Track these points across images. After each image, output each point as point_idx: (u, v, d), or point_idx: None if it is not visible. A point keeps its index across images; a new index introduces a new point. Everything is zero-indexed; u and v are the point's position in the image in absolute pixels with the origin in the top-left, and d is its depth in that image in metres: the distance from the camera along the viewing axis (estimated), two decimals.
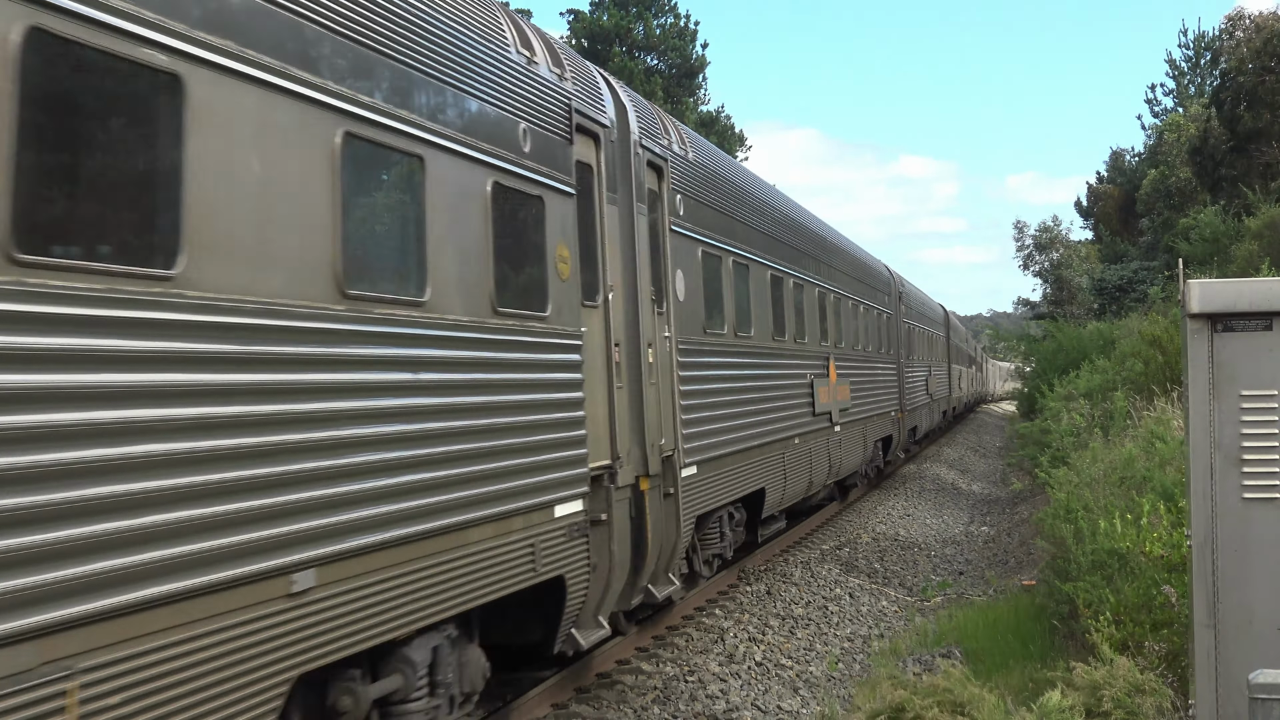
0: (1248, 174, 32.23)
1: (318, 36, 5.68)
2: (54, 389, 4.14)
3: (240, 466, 5.01)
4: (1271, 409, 5.95)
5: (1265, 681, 4.97)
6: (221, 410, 4.94)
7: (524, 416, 7.62)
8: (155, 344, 4.61)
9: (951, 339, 44.34)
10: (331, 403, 5.68)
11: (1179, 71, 59.88)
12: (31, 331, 4.07)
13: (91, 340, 4.30)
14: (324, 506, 5.55)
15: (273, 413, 5.27)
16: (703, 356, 11.80)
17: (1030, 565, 15.71)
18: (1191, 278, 6.19)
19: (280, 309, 5.32)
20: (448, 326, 6.80)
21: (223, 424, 4.93)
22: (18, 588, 3.95)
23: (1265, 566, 5.93)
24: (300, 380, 5.50)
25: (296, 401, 5.45)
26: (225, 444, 4.94)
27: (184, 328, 4.73)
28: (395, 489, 6.12)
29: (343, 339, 5.80)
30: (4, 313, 3.99)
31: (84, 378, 4.26)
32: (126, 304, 4.45)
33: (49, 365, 4.13)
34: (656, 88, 43.54)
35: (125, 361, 4.45)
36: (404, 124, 6.39)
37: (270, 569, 5.17)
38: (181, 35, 4.76)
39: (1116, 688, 6.81)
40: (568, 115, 8.74)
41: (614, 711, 9.43)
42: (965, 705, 7.00)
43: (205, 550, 4.80)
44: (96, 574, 4.27)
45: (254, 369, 5.14)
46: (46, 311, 4.12)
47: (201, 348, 4.85)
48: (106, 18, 4.41)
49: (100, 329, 4.34)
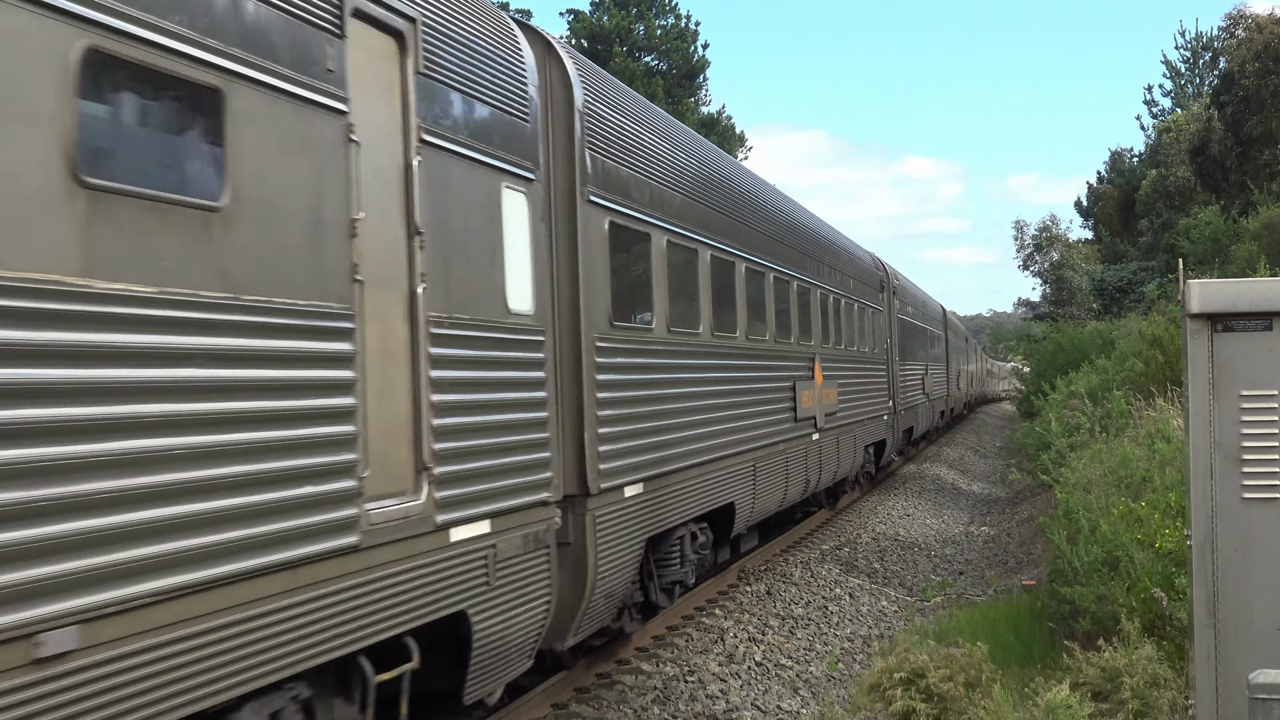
0: (1254, 176, 32.23)
1: None
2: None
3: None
4: (1271, 409, 5.95)
5: (1265, 681, 4.97)
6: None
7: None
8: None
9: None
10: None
11: (1176, 73, 59.97)
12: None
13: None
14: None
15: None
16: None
17: (1030, 565, 15.72)
18: (1191, 278, 6.19)
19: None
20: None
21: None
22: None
23: (1265, 566, 5.93)
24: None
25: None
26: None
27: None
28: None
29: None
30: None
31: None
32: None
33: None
34: (657, 88, 43.55)
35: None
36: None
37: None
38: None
39: (1138, 677, 6.84)
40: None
41: (614, 711, 9.43)
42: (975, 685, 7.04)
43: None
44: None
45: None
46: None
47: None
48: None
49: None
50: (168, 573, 4.52)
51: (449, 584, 6.61)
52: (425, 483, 6.39)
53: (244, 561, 4.93)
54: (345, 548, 5.60)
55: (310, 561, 5.37)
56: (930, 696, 7.03)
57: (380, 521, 5.93)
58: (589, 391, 8.86)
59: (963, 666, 7.20)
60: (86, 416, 4.19)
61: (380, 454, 5.98)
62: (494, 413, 7.24)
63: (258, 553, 5.01)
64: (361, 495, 5.74)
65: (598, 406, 8.94)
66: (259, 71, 5.13)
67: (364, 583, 5.77)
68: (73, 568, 4.11)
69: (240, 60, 5.00)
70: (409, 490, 6.32)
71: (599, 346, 9.08)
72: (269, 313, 5.13)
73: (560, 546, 8.30)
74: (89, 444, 4.19)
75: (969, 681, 7.08)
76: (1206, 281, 6.15)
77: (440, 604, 6.52)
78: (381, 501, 5.97)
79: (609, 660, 10.72)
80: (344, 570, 5.63)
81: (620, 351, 9.53)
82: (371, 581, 5.83)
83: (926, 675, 7.04)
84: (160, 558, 4.49)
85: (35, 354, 4.02)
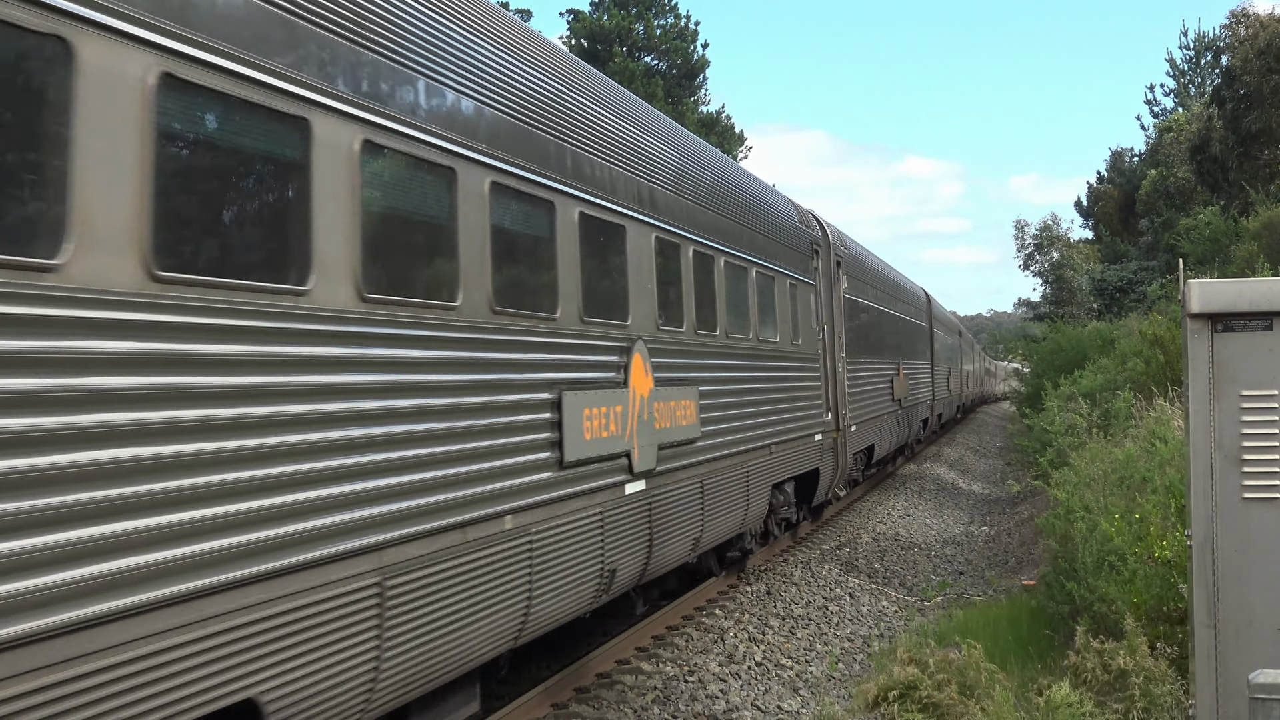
0: (1253, 176, 32.22)
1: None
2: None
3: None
4: (1271, 409, 5.95)
5: (1265, 681, 4.97)
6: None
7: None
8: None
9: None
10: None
11: (1179, 71, 59.88)
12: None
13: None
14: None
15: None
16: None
17: (1030, 565, 15.71)
18: (1191, 278, 6.19)
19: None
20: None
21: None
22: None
23: (1265, 566, 5.93)
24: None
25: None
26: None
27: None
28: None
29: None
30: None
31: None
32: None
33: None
34: (657, 88, 43.54)
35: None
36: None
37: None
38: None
39: (1144, 675, 6.85)
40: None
41: (614, 711, 9.42)
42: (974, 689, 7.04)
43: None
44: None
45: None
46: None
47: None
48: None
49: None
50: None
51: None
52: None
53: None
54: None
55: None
56: (926, 707, 7.02)
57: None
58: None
59: (959, 670, 7.19)
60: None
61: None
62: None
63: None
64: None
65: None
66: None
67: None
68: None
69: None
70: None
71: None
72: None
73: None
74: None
75: (966, 685, 7.08)
76: (1206, 281, 6.15)
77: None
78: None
79: (609, 660, 10.73)
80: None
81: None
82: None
83: (919, 687, 7.04)
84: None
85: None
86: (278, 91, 5.42)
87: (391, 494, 6.13)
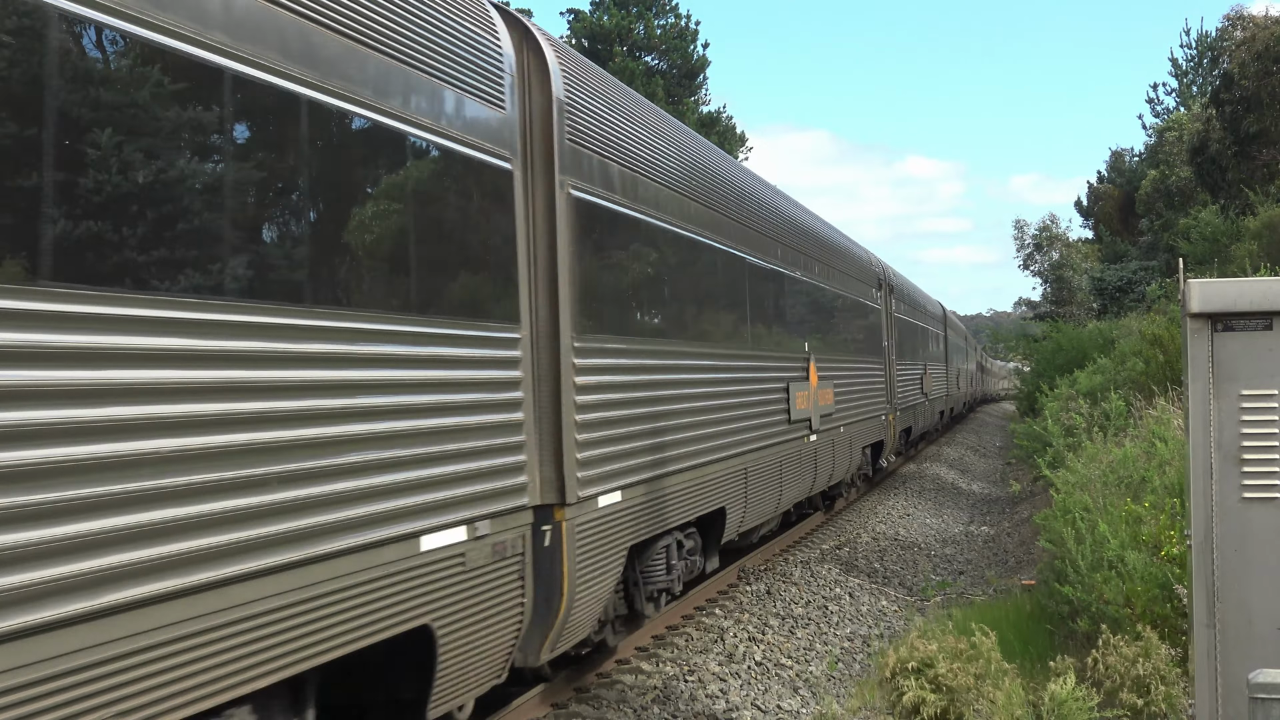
0: (1250, 176, 32.22)
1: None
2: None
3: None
4: (1271, 409, 5.95)
5: (1265, 681, 4.97)
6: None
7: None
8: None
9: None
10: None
11: (1181, 71, 59.87)
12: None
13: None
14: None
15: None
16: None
17: (1030, 565, 15.71)
18: (1191, 277, 6.19)
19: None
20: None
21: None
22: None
23: (1265, 566, 5.93)
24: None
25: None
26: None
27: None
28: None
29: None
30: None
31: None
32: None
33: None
34: (657, 88, 43.55)
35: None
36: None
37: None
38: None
39: (1159, 676, 6.87)
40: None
41: (614, 711, 9.42)
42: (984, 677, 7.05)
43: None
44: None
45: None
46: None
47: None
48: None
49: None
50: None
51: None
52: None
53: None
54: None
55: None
56: (939, 687, 7.04)
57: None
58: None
59: (972, 658, 7.21)
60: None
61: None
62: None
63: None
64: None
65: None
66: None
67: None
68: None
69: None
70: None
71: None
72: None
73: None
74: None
75: (978, 673, 7.10)
76: (1206, 281, 6.15)
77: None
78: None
79: (609, 660, 10.72)
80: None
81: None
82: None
83: (935, 665, 7.06)
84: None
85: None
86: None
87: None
